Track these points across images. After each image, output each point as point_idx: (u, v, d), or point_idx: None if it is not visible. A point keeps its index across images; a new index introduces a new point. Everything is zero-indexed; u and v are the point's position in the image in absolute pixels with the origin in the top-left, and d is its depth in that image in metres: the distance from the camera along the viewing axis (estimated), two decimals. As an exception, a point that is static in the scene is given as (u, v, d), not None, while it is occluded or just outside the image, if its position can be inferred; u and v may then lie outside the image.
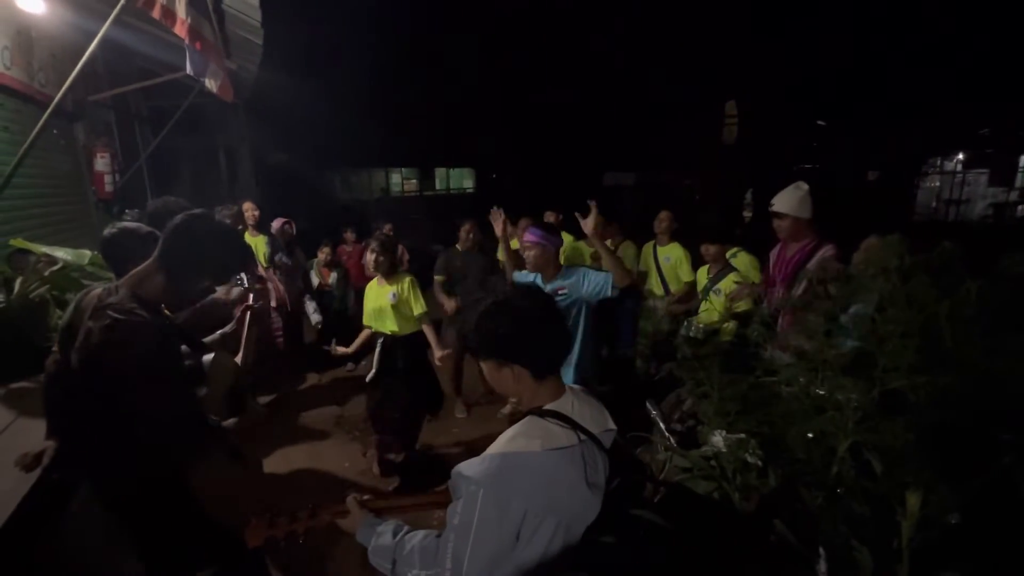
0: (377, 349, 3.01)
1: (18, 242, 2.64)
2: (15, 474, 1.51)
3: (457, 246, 3.94)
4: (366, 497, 1.18)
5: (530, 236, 2.50)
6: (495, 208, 2.86)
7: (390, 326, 2.96)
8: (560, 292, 2.46)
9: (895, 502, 0.99)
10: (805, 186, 2.56)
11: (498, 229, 2.84)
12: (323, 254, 4.76)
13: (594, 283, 2.41)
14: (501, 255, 2.85)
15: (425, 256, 4.61)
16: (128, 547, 1.47)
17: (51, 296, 2.44)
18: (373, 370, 3.02)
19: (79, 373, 1.29)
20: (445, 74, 15.01)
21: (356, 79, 12.65)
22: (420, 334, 3.02)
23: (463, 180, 20.06)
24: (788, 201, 2.54)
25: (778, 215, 2.58)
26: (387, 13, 13.61)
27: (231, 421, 1.51)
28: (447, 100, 14.97)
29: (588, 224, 2.49)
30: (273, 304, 4.06)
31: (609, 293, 2.37)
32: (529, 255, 2.49)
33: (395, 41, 14.10)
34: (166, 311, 1.40)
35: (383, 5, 13.34)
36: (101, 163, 4.56)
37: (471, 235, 3.89)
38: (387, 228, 4.68)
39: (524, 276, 2.64)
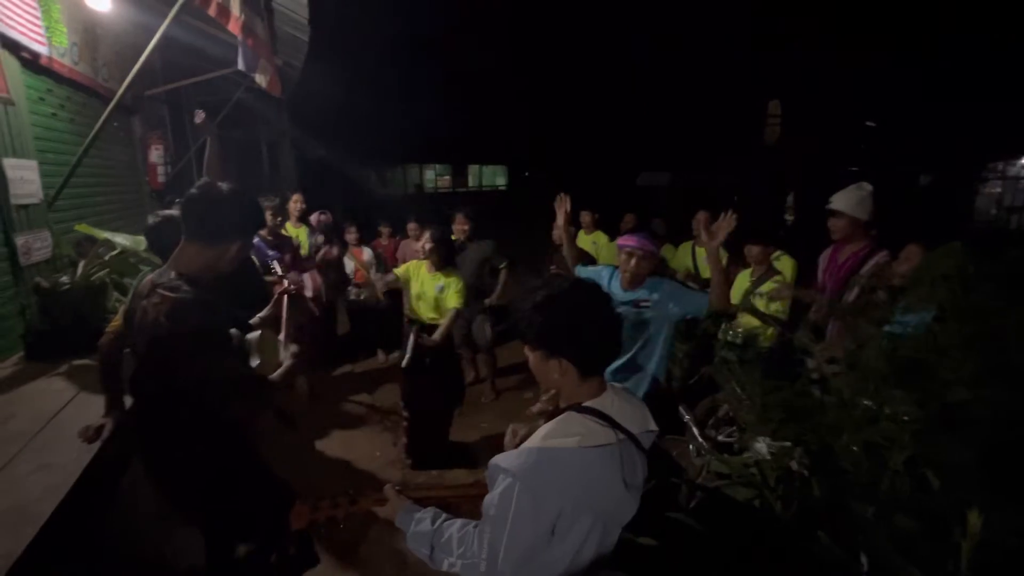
0: (411, 338, 3.07)
1: (83, 227, 2.80)
2: (78, 445, 1.61)
3: (455, 238, 4.07)
4: (400, 487, 1.21)
5: (633, 242, 2.20)
6: (562, 194, 2.56)
7: (428, 313, 3.05)
8: (643, 304, 2.21)
9: (953, 521, 0.94)
10: (868, 187, 2.45)
11: (561, 217, 2.56)
12: (351, 235, 4.80)
13: (687, 305, 2.17)
14: (565, 248, 2.66)
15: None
16: (178, 516, 1.54)
17: (110, 280, 2.59)
18: (407, 356, 3.05)
19: (141, 350, 1.39)
20: (481, 73, 15.09)
21: (394, 77, 12.87)
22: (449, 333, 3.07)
23: (496, 177, 20.15)
24: (848, 200, 2.44)
25: (835, 213, 2.47)
26: (425, 13, 13.78)
27: (278, 373, 1.57)
28: (482, 98, 15.05)
29: (719, 233, 2.13)
30: (310, 294, 4.17)
31: (700, 316, 2.17)
32: (631, 263, 2.20)
33: (432, 40, 14.26)
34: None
35: (422, 5, 13.50)
36: (155, 155, 4.80)
37: (464, 228, 4.01)
38: (412, 224, 4.74)
39: (590, 271, 2.45)
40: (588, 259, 3.87)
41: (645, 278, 2.25)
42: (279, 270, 2.57)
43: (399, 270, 3.18)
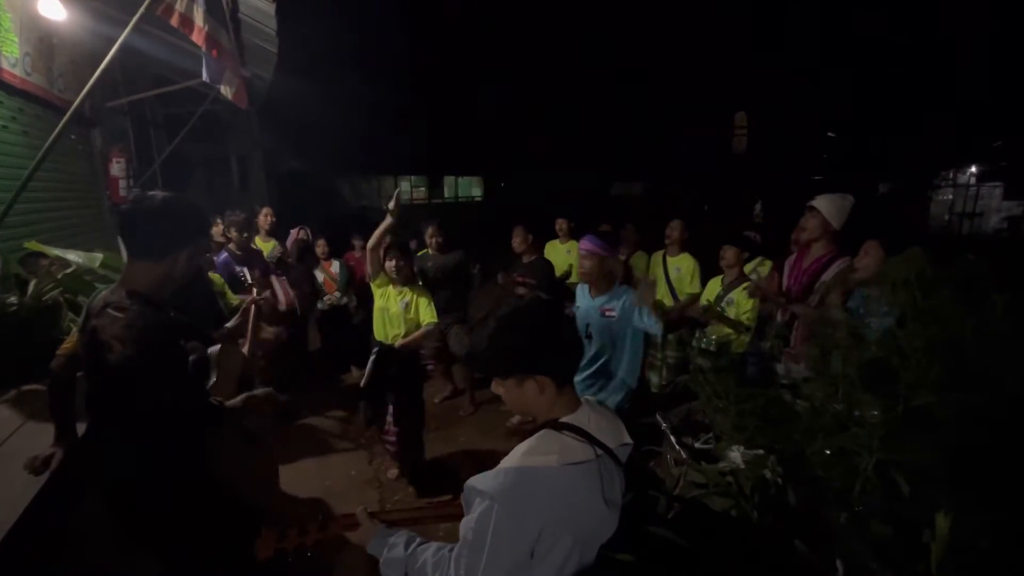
0: (372, 356, 3.00)
1: (33, 245, 2.66)
2: (23, 478, 1.51)
3: (428, 250, 4.12)
4: (374, 509, 1.16)
5: (587, 244, 2.35)
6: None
7: (392, 331, 2.97)
8: (608, 313, 2.33)
9: (923, 524, 0.96)
10: (851, 199, 2.51)
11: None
12: (320, 248, 4.73)
13: (644, 324, 2.28)
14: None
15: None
16: (135, 551, 1.45)
17: (63, 299, 2.46)
18: (365, 377, 2.99)
19: (89, 371, 1.32)
20: (455, 83, 15.16)
21: (366, 87, 12.81)
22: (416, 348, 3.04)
23: (471, 188, 20.15)
24: (829, 203, 2.49)
25: (812, 211, 2.51)
26: (397, 23, 13.81)
27: (238, 399, 1.50)
28: (456, 108, 15.11)
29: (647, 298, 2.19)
30: (283, 308, 4.06)
31: (653, 331, 2.27)
32: (584, 264, 2.35)
33: (405, 50, 14.28)
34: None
35: (393, 15, 13.53)
36: (116, 168, 4.63)
37: (435, 238, 4.01)
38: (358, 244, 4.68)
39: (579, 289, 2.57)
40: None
41: (610, 282, 2.37)
42: (249, 279, 2.54)
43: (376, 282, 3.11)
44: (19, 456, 1.58)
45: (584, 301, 2.45)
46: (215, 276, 3.26)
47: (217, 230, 4.01)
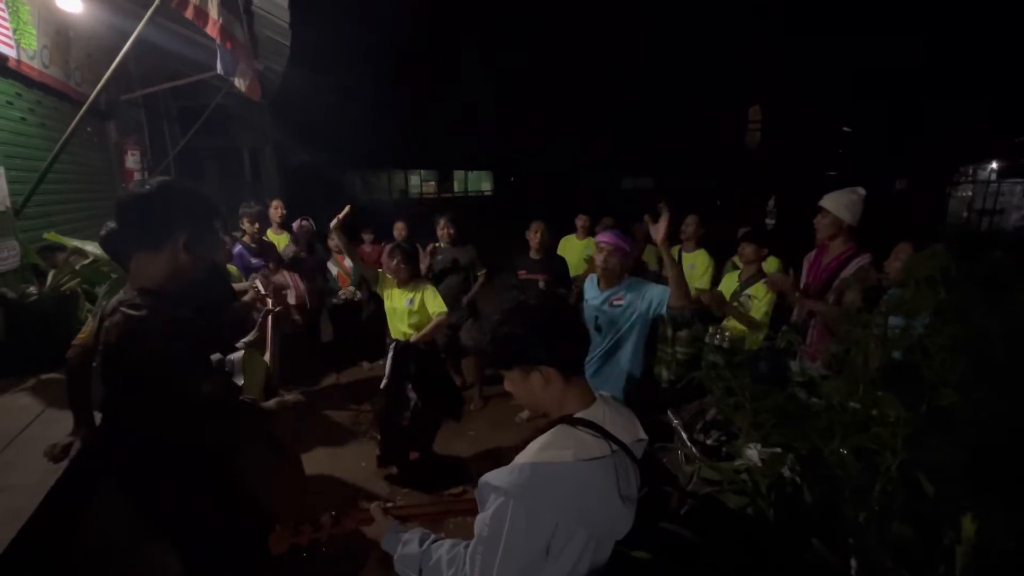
0: (389, 354, 2.99)
1: (52, 236, 2.70)
2: (43, 465, 1.53)
3: (440, 243, 4.18)
4: (390, 504, 1.17)
5: (606, 238, 2.36)
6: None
7: (403, 328, 2.97)
8: (616, 302, 2.34)
9: (947, 525, 0.94)
10: (862, 192, 2.44)
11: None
12: (334, 241, 4.74)
13: (651, 299, 2.27)
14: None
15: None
16: (153, 539, 1.47)
17: (81, 289, 2.50)
18: (385, 377, 2.98)
19: (106, 370, 1.31)
20: (465, 78, 15.12)
21: (378, 82, 12.81)
22: (431, 340, 3.04)
23: (481, 183, 20.14)
24: (837, 200, 2.43)
25: (822, 210, 2.47)
26: (409, 18, 13.78)
27: (272, 402, 1.50)
28: (467, 103, 15.06)
29: (660, 229, 2.15)
30: (293, 302, 4.09)
31: (663, 311, 2.23)
32: (601, 257, 2.34)
33: (416, 45, 14.25)
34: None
35: (405, 10, 13.50)
36: (131, 160, 4.68)
37: (446, 230, 4.08)
38: (399, 228, 4.67)
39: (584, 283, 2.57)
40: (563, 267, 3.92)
41: (620, 275, 2.37)
42: (262, 289, 2.54)
43: (381, 278, 3.11)
44: (39, 443, 1.61)
45: (592, 292, 2.46)
46: (230, 267, 3.30)
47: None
